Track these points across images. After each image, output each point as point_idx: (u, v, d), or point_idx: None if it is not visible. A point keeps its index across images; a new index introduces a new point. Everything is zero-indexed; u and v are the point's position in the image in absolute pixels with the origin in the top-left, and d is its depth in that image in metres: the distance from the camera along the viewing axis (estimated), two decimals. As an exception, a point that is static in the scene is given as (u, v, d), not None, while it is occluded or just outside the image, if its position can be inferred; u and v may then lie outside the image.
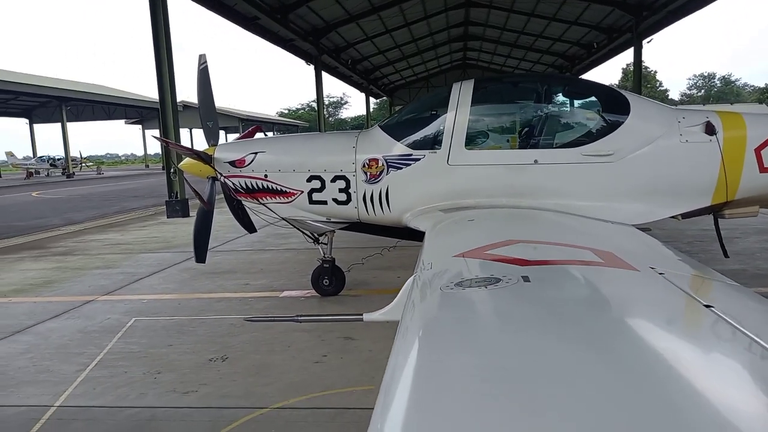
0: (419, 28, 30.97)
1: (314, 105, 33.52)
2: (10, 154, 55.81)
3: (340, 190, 5.53)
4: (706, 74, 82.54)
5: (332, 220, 5.82)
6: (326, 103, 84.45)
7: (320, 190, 5.60)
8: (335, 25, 26.06)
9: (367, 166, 5.39)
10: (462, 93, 5.20)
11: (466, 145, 5.13)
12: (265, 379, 4.16)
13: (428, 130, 5.38)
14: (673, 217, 5.30)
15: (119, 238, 11.53)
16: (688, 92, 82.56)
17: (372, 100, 53.52)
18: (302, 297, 6.42)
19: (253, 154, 5.79)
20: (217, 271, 7.87)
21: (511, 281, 1.86)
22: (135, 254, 9.52)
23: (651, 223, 5.17)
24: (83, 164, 55.56)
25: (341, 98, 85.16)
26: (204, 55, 6.11)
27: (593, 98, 5.62)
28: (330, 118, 79.58)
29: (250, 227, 6.61)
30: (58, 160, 50.37)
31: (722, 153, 4.99)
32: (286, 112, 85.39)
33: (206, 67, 6.10)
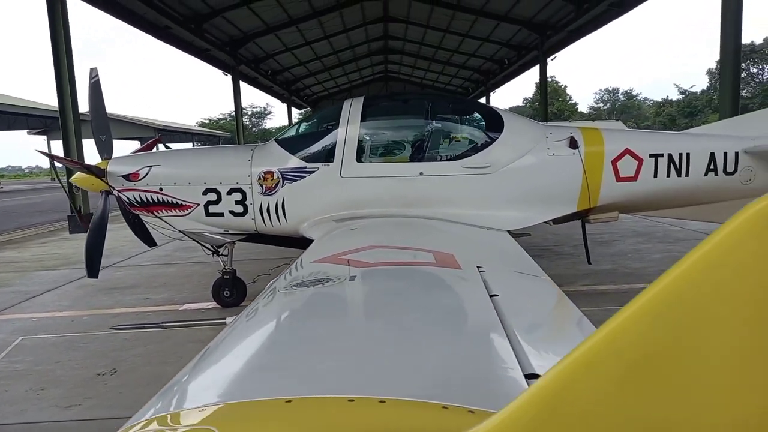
0: (339, 41, 31.38)
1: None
2: None
3: (237, 202, 5.67)
4: (611, 89, 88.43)
5: (230, 231, 5.93)
6: (249, 113, 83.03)
7: (216, 202, 5.71)
8: (253, 36, 25.89)
9: (262, 178, 5.58)
10: (352, 109, 5.52)
11: (357, 159, 5.44)
12: (155, 389, 4.17)
13: (321, 144, 5.64)
14: (546, 222, 5.87)
15: (15, 256, 10.93)
16: (596, 105, 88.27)
17: (295, 111, 53.30)
18: (203, 309, 6.46)
19: (148, 168, 5.82)
20: (118, 287, 7.71)
21: (339, 280, 2.14)
22: (30, 272, 9.10)
23: (529, 228, 5.72)
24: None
25: (265, 108, 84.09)
26: (95, 68, 6.07)
27: (472, 115, 6.12)
28: (253, 129, 78.33)
29: (148, 241, 6.57)
30: None
31: (584, 165, 5.60)
32: (207, 122, 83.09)
33: (98, 80, 6.05)
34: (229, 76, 27.59)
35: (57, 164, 8.13)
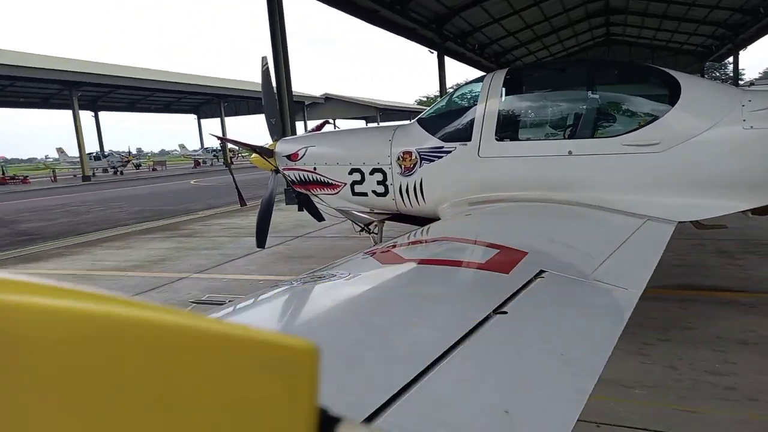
0: (551, 6, 29.37)
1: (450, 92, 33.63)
2: (182, 146, 64.18)
3: (378, 183, 5.77)
4: None
5: (375, 211, 6.08)
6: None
7: (361, 182, 5.88)
8: (458, 10, 25.78)
9: (401, 158, 5.55)
10: (493, 83, 5.12)
11: (496, 137, 5.05)
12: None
13: (459, 122, 5.37)
14: (742, 213, 4.73)
15: (238, 223, 12.89)
16: None
17: (507, 83, 51.88)
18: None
19: (305, 148, 6.26)
20: (299, 256, 8.55)
21: (338, 278, 2.01)
22: (241, 237, 10.64)
23: (716, 219, 4.70)
24: (239, 155, 61.83)
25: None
26: (265, 57, 6.69)
27: (637, 81, 5.15)
28: (468, 104, 78.68)
29: (317, 216, 7.12)
30: (220, 151, 56.78)
31: (796, 140, 4.33)
32: (425, 99, 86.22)
33: (267, 69, 6.66)
34: (435, 53, 28.04)
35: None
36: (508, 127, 5.22)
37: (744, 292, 5.60)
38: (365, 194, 5.90)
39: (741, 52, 33.18)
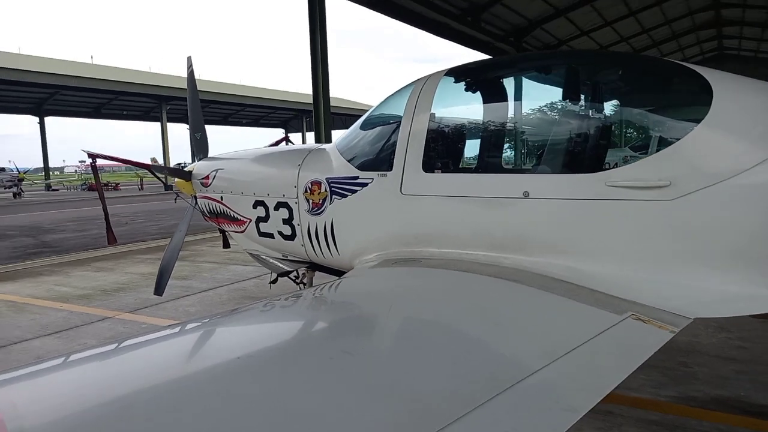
0: (651, 17, 26.22)
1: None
2: (153, 160, 65.45)
3: (284, 221, 4.23)
4: None
5: (288, 257, 4.53)
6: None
7: (265, 219, 4.37)
8: (540, 22, 23.64)
9: (309, 191, 3.98)
10: (424, 91, 3.42)
11: (424, 167, 3.34)
12: None
13: (380, 146, 3.71)
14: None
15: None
16: None
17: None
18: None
19: (215, 172, 4.87)
20: (262, 295, 7.17)
21: None
22: (228, 265, 9.42)
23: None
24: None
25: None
26: (190, 57, 5.39)
27: (636, 85, 3.16)
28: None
29: None
30: None
31: None
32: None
33: (192, 72, 5.36)
34: (512, 69, 25.91)
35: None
36: (440, 154, 3.47)
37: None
38: (272, 235, 4.39)
39: None
